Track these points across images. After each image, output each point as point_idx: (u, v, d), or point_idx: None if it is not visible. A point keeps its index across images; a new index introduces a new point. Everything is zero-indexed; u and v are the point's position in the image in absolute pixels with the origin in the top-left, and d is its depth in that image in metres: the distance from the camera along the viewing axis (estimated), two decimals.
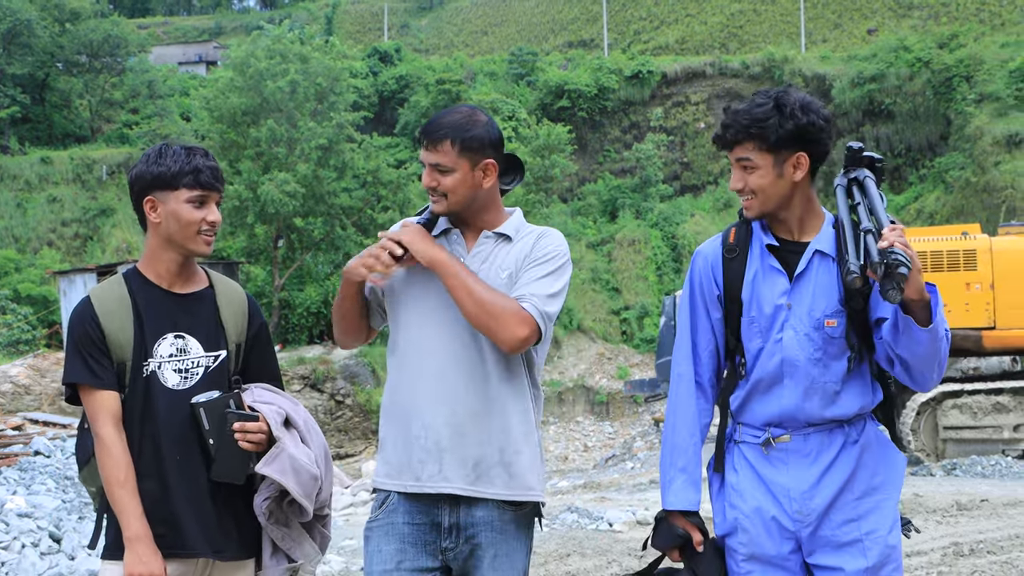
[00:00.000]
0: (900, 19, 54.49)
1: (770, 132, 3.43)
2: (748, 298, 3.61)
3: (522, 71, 50.65)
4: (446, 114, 3.72)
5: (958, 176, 39.97)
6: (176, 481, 3.61)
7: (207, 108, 36.65)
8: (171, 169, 3.58)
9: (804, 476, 3.56)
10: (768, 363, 3.58)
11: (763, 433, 3.61)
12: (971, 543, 10.34)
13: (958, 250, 17.84)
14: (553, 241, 3.76)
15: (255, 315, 3.88)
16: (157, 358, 3.63)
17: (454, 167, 3.66)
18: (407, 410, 3.67)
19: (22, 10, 48.25)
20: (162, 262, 3.70)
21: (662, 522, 3.69)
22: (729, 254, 3.68)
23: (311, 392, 30.73)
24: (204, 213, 3.63)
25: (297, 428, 3.74)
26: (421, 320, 3.70)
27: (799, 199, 3.56)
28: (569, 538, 11.47)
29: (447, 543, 3.64)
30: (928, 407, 17.70)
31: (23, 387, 26.11)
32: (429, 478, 3.61)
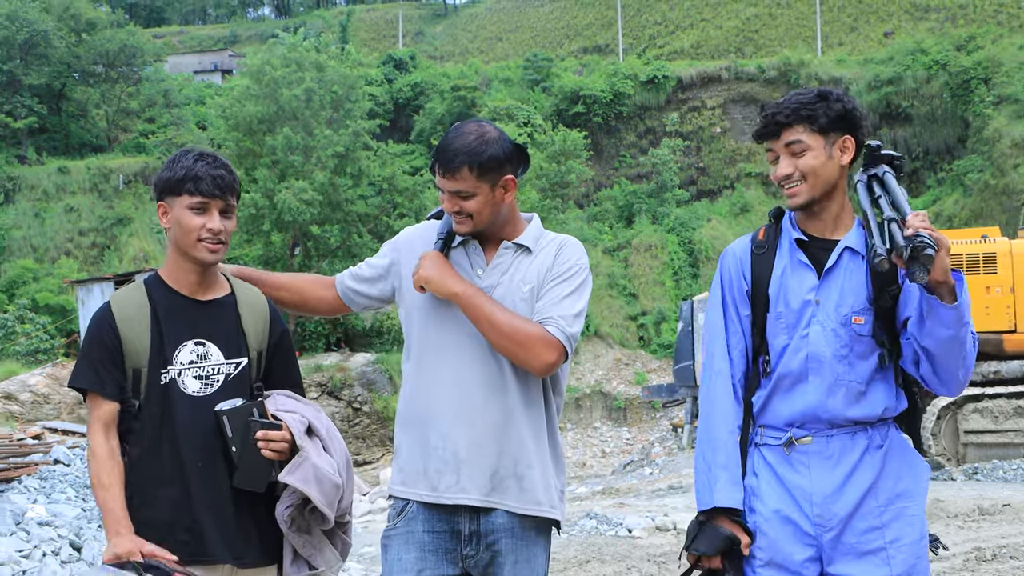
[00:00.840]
0: (917, 22, 54.36)
1: (820, 114, 3.48)
2: (776, 293, 3.59)
3: (537, 77, 50.68)
4: (456, 138, 3.64)
5: (977, 179, 39.84)
6: (198, 488, 3.60)
7: (223, 116, 36.75)
8: (176, 175, 3.61)
9: (827, 479, 3.51)
10: (793, 359, 3.55)
11: (784, 434, 3.56)
12: (993, 548, 10.27)
13: (978, 253, 17.74)
14: (574, 254, 3.74)
15: (277, 322, 3.87)
16: (177, 365, 3.62)
17: (475, 191, 3.62)
18: (424, 419, 3.65)
19: (39, 21, 48.50)
20: (181, 269, 3.70)
21: (704, 524, 3.55)
22: (758, 250, 3.66)
23: (328, 399, 30.75)
24: (204, 220, 3.61)
25: (320, 436, 3.73)
26: (438, 327, 3.67)
27: (840, 190, 3.58)
28: (588, 544, 11.44)
29: (468, 550, 3.61)
30: (949, 411, 17.60)
31: (42, 396, 26.19)
32: (447, 489, 3.59)
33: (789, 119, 3.50)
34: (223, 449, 3.61)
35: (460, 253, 3.71)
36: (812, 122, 3.49)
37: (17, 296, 37.71)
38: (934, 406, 17.56)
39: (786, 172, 3.52)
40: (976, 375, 17.91)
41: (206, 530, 3.59)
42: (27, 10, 48.61)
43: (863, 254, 3.53)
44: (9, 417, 23.81)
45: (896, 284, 3.46)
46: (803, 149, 3.50)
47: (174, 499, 3.58)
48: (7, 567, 8.75)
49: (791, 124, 3.50)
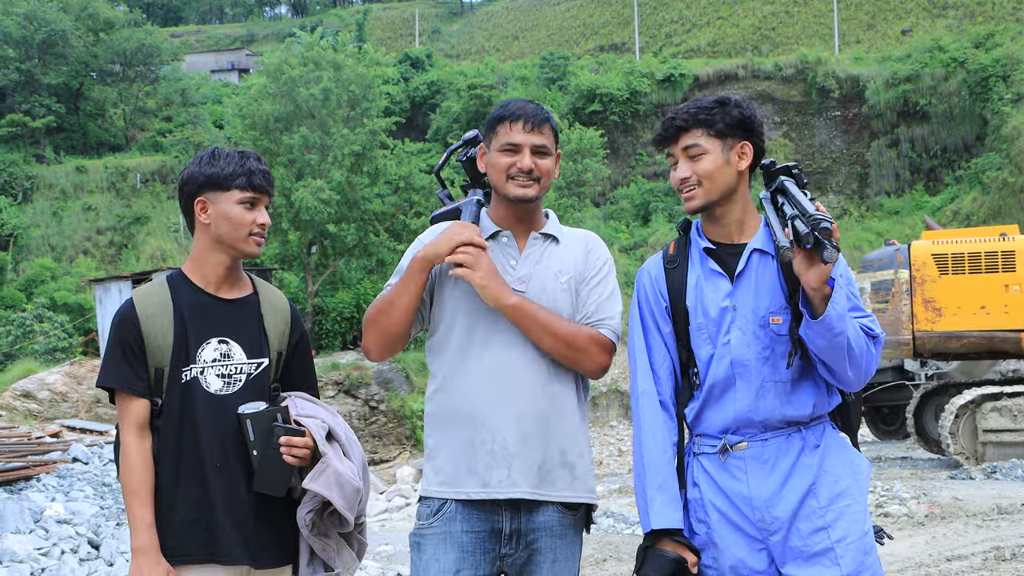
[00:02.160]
0: (935, 19, 54.15)
1: (717, 119, 3.54)
2: (693, 305, 3.61)
3: (553, 75, 50.64)
4: (526, 101, 3.70)
5: (995, 177, 39.67)
6: (217, 487, 3.60)
7: (240, 115, 36.82)
8: (224, 170, 3.62)
9: (765, 483, 3.51)
10: (719, 368, 3.56)
11: (719, 441, 3.57)
12: (1013, 547, 10.23)
13: (996, 251, 17.66)
14: (602, 250, 3.81)
15: (297, 324, 3.88)
16: (200, 363, 3.63)
17: (551, 152, 3.68)
18: (467, 414, 3.59)
19: (57, 20, 48.68)
20: (209, 264, 3.71)
21: (649, 549, 3.51)
22: (670, 265, 3.69)
23: (345, 398, 30.78)
24: (255, 215, 3.65)
25: (339, 441, 3.74)
26: (473, 319, 3.63)
27: (740, 194, 3.62)
28: (605, 543, 11.43)
29: (507, 549, 3.59)
30: (967, 410, 17.53)
31: (60, 394, 26.29)
32: (499, 483, 3.54)
33: (687, 123, 3.56)
34: (243, 449, 3.61)
35: (492, 246, 3.67)
36: (709, 126, 3.54)
37: (35, 295, 37.84)
38: (952, 404, 17.50)
39: (683, 175, 3.59)
40: (995, 374, 17.87)
41: (225, 530, 3.60)
42: (45, 10, 48.81)
43: (772, 254, 3.55)
44: (28, 415, 23.92)
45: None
46: (700, 153, 3.55)
47: (194, 499, 3.59)
48: (26, 565, 8.79)
49: (689, 128, 3.56)
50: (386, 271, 35.25)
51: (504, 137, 3.63)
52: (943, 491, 14.24)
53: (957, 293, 17.32)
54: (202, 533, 3.57)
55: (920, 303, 17.43)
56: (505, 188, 3.64)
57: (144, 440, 3.57)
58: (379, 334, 3.69)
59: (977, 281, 17.19)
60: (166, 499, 3.59)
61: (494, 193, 3.75)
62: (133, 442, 3.56)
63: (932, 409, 19.08)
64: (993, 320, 17.08)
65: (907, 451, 21.52)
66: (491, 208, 3.79)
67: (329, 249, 35.63)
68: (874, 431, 23.52)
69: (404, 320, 3.63)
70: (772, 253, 3.54)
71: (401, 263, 3.75)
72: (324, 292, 36.25)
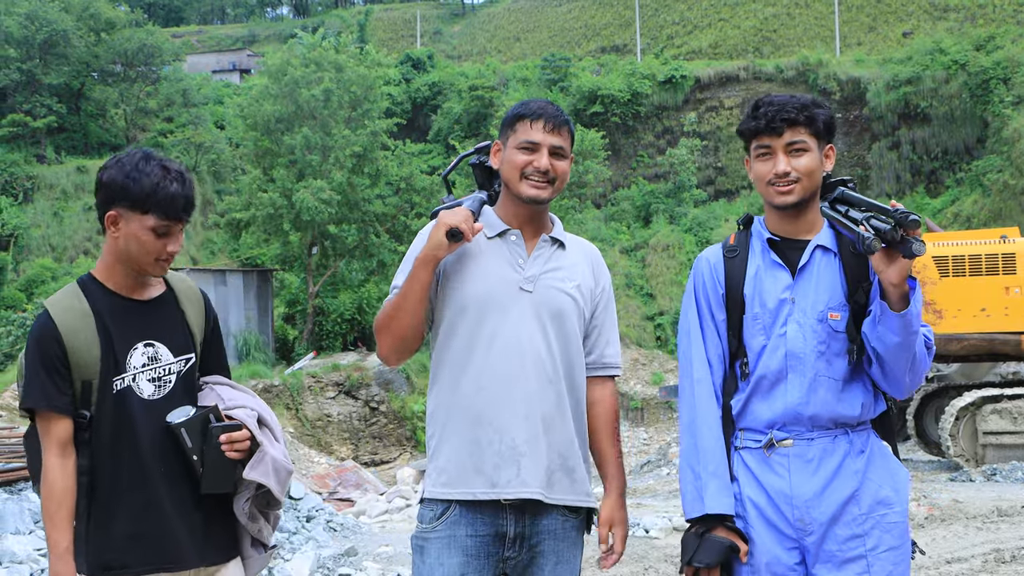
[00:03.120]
0: (936, 21, 54.12)
1: (819, 118, 3.54)
2: (751, 294, 3.60)
3: (555, 77, 50.60)
4: (547, 102, 3.70)
5: (996, 179, 39.63)
6: (165, 494, 3.54)
7: (241, 116, 36.83)
8: (144, 191, 3.42)
9: (808, 483, 3.49)
10: (772, 359, 3.55)
11: (764, 436, 3.55)
12: (1012, 549, 10.24)
13: (997, 254, 17.66)
14: (606, 269, 3.85)
15: (210, 310, 3.79)
16: (131, 370, 3.52)
17: (567, 154, 3.70)
18: (473, 414, 3.57)
19: (58, 20, 48.61)
20: (122, 274, 3.58)
21: (704, 535, 3.47)
22: (730, 253, 3.69)
23: (346, 399, 30.77)
24: (165, 242, 3.50)
25: (268, 425, 3.71)
26: (481, 317, 3.60)
27: (818, 195, 3.63)
28: None
29: (510, 552, 3.58)
30: (967, 412, 17.54)
31: None
32: (507, 483, 3.53)
33: (796, 119, 3.53)
34: (182, 455, 3.54)
35: (500, 244, 3.66)
36: (811, 125, 3.54)
37: (36, 295, 37.78)
38: (952, 407, 17.51)
39: (784, 170, 3.55)
40: (995, 376, 17.87)
41: (177, 536, 3.54)
42: (46, 10, 48.74)
43: (835, 251, 3.56)
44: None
45: (868, 280, 3.49)
46: (803, 149, 3.54)
47: (139, 507, 3.50)
48: (26, 566, 8.79)
49: (796, 124, 3.53)
50: (387, 272, 35.23)
51: (523, 135, 3.62)
52: (943, 493, 14.24)
53: (958, 295, 17.31)
54: (152, 543, 3.51)
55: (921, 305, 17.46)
56: (518, 187, 3.63)
57: (68, 460, 3.44)
58: (392, 338, 3.65)
59: (978, 283, 17.19)
60: (104, 513, 3.50)
61: (504, 192, 3.74)
62: (56, 463, 3.42)
63: (932, 411, 19.10)
64: (993, 322, 17.08)
65: (907, 453, 21.52)
66: (499, 207, 3.77)
67: (330, 250, 35.62)
68: None
69: (415, 321, 3.60)
70: (835, 250, 3.56)
71: (403, 263, 3.73)
72: (325, 293, 36.24)
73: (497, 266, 3.64)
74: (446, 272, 3.64)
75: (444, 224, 3.49)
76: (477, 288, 3.60)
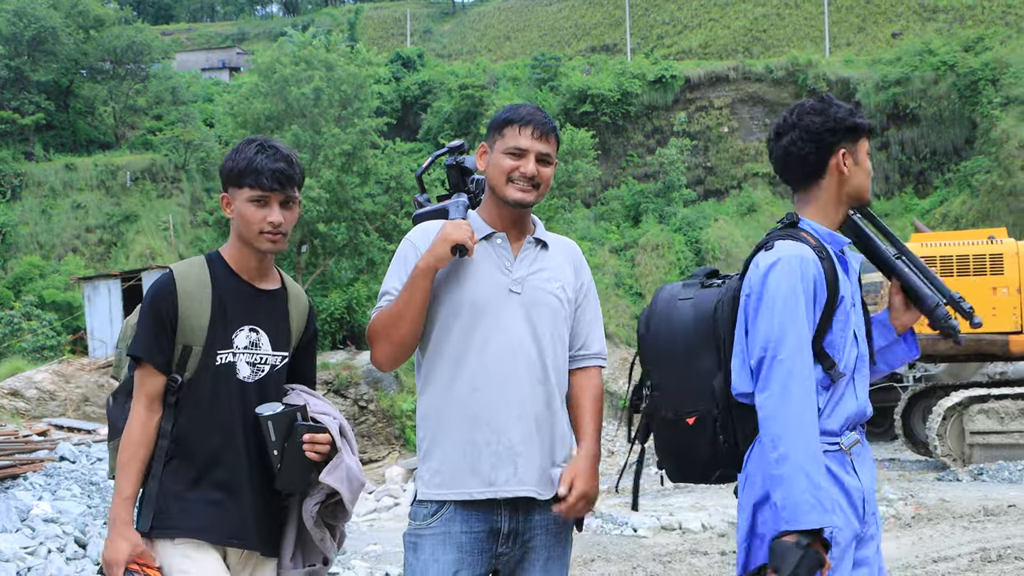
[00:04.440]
0: (925, 22, 54.26)
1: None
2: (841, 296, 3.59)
3: (545, 76, 50.60)
4: (536, 107, 3.74)
5: (984, 180, 39.78)
6: (245, 471, 3.64)
7: (231, 114, 36.81)
8: (237, 167, 3.64)
9: (868, 474, 3.56)
10: (850, 360, 3.54)
11: (838, 437, 3.49)
12: (999, 548, 10.27)
13: (985, 254, 17.72)
14: (587, 267, 3.89)
15: (312, 321, 3.92)
16: (234, 348, 3.65)
17: (553, 161, 3.74)
18: (469, 415, 3.61)
19: (47, 17, 48.51)
20: (243, 255, 3.74)
21: (808, 549, 3.23)
22: (821, 255, 3.54)
23: (335, 397, 30.75)
24: (265, 213, 3.65)
25: (347, 437, 3.78)
26: (473, 320, 3.65)
27: None
28: (594, 543, 11.44)
29: (503, 548, 3.62)
30: (954, 412, 17.59)
31: (48, 393, 26.21)
32: (505, 482, 3.57)
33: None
34: (263, 442, 3.62)
35: (486, 247, 3.70)
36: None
37: (24, 292, 37.70)
38: (940, 407, 17.55)
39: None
40: (982, 376, 17.91)
41: (248, 515, 3.63)
42: (35, 6, 48.61)
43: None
44: (15, 414, 23.84)
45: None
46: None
47: (223, 481, 3.60)
48: (12, 564, 8.77)
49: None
50: (376, 271, 35.21)
51: (511, 140, 3.66)
52: (930, 492, 14.29)
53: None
54: (226, 515, 3.59)
55: None
56: (504, 190, 3.67)
57: (153, 415, 3.58)
58: (391, 345, 3.69)
59: (965, 284, 17.23)
60: (190, 477, 3.59)
61: (488, 195, 3.78)
62: (141, 414, 3.57)
63: (920, 411, 19.16)
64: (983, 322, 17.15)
65: (895, 453, 21.59)
66: (483, 209, 3.80)
67: (319, 248, 35.60)
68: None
69: (415, 329, 3.66)
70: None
71: (393, 267, 3.76)
72: (314, 292, 36.21)
73: (486, 269, 3.68)
74: (437, 277, 3.67)
75: (450, 239, 3.56)
76: (468, 292, 3.65)
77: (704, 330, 3.59)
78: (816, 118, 3.58)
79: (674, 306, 3.67)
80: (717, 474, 3.67)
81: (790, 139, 3.61)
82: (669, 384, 3.64)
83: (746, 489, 3.52)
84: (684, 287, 3.73)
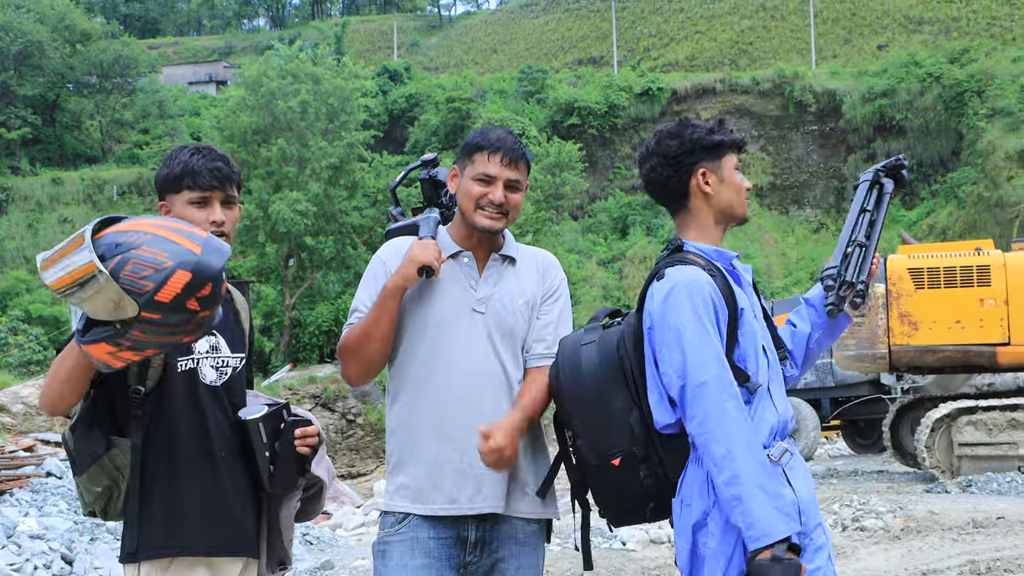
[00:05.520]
0: (910, 34, 54.49)
1: None
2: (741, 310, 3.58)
3: (532, 89, 50.71)
4: (506, 132, 3.73)
5: (970, 191, 39.92)
6: (228, 478, 3.58)
7: (217, 127, 36.79)
8: (173, 171, 3.57)
9: (805, 484, 3.43)
10: (761, 373, 3.51)
11: (769, 448, 3.39)
12: (988, 561, 10.26)
13: (971, 266, 17.71)
14: (558, 269, 3.87)
15: (251, 322, 3.89)
16: (196, 354, 3.59)
17: (522, 187, 3.72)
18: (432, 431, 3.62)
19: (33, 32, 48.47)
20: None
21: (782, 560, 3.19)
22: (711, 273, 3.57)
23: (322, 411, 30.68)
24: (207, 213, 3.58)
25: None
26: (438, 339, 3.66)
27: None
28: (579, 557, 11.39)
29: (471, 557, 3.62)
30: (943, 424, 17.57)
31: (35, 408, 26.08)
32: (469, 500, 3.58)
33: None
34: (239, 443, 3.58)
35: (453, 265, 3.69)
36: None
37: (10, 307, 37.63)
38: (928, 418, 17.53)
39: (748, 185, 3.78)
40: (970, 387, 17.91)
41: (236, 522, 3.57)
42: (21, 21, 48.58)
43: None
44: (1, 429, 23.75)
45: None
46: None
47: (201, 489, 3.52)
48: None
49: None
50: None
51: (480, 167, 3.65)
52: (919, 505, 14.27)
53: (933, 307, 17.34)
54: (222, 527, 3.54)
55: (896, 317, 17.45)
56: (473, 217, 3.67)
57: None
58: (362, 362, 3.71)
59: (952, 295, 17.23)
60: (167, 491, 3.50)
61: (458, 216, 3.77)
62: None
63: (908, 423, 19.14)
64: (968, 334, 17.12)
65: (883, 465, 21.58)
66: (453, 228, 3.80)
67: (307, 262, 35.58)
68: (850, 445, 23.58)
69: (384, 347, 3.67)
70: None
71: (364, 285, 3.76)
72: (301, 305, 36.16)
73: (452, 289, 3.69)
74: (405, 296, 3.68)
75: (417, 261, 3.56)
76: (433, 312, 3.67)
77: (611, 369, 3.53)
78: (672, 142, 3.63)
79: (578, 352, 3.60)
80: (651, 506, 3.60)
81: (650, 166, 3.66)
82: (588, 430, 3.55)
83: (683, 514, 3.42)
84: (586, 332, 3.66)
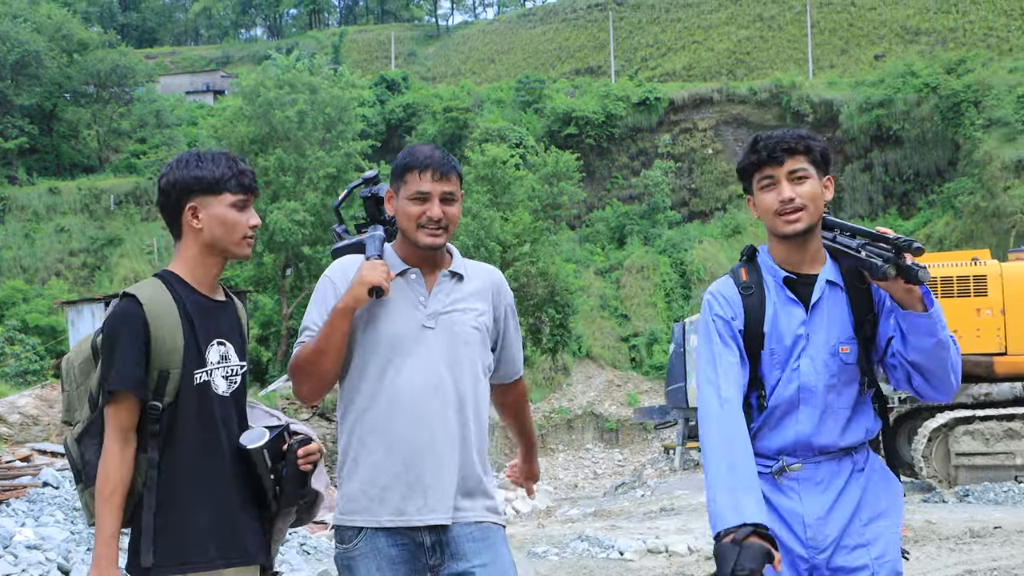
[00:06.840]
0: (907, 45, 54.57)
1: (815, 148, 3.64)
2: (769, 332, 3.66)
3: (529, 98, 50.76)
4: (432, 148, 3.78)
5: (967, 201, 39.96)
6: (237, 489, 3.59)
7: (215, 137, 36.86)
8: (214, 173, 3.54)
9: (817, 502, 3.58)
10: (785, 391, 3.62)
11: (775, 462, 3.62)
12: (984, 570, 10.26)
13: (968, 276, 17.74)
14: (505, 286, 3.96)
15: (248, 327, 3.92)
16: (209, 365, 3.58)
17: (457, 198, 3.77)
18: (381, 446, 3.67)
19: (30, 41, 48.50)
20: (204, 268, 3.63)
21: (744, 543, 3.35)
22: (746, 291, 3.72)
23: (320, 421, 30.64)
24: (247, 217, 3.60)
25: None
26: (388, 356, 3.70)
27: (820, 225, 3.69)
28: (580, 567, 11.39)
29: (433, 560, 3.65)
30: (940, 433, 17.58)
31: (31, 418, 26.07)
32: (417, 511, 3.62)
33: (795, 147, 3.60)
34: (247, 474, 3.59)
35: (401, 283, 3.73)
36: (809, 154, 3.61)
37: (7, 317, 37.60)
38: (925, 428, 17.54)
39: (789, 196, 3.58)
40: (967, 397, 17.90)
41: (246, 532, 3.59)
42: (18, 30, 48.61)
43: (841, 286, 3.65)
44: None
45: (873, 312, 3.62)
46: (805, 177, 3.59)
47: (216, 501, 3.53)
48: None
49: (796, 153, 3.60)
50: None
51: (414, 186, 3.70)
52: (916, 514, 14.27)
53: None
54: (225, 537, 3.53)
55: None
56: (416, 236, 3.71)
57: (128, 448, 3.44)
58: (314, 381, 3.76)
59: (949, 305, 17.24)
60: (183, 506, 3.50)
61: (401, 235, 3.79)
62: (116, 449, 3.41)
63: (905, 433, 19.13)
64: (965, 344, 17.12)
65: None
66: (398, 246, 3.84)
67: (304, 271, 35.58)
68: None
69: (335, 366, 3.73)
70: (842, 285, 3.64)
71: (313, 304, 3.80)
72: (299, 315, 36.15)
73: (401, 306, 3.73)
74: (355, 314, 3.72)
75: (367, 282, 3.60)
76: (384, 329, 3.71)
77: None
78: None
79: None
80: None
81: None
82: None
83: None
84: None
